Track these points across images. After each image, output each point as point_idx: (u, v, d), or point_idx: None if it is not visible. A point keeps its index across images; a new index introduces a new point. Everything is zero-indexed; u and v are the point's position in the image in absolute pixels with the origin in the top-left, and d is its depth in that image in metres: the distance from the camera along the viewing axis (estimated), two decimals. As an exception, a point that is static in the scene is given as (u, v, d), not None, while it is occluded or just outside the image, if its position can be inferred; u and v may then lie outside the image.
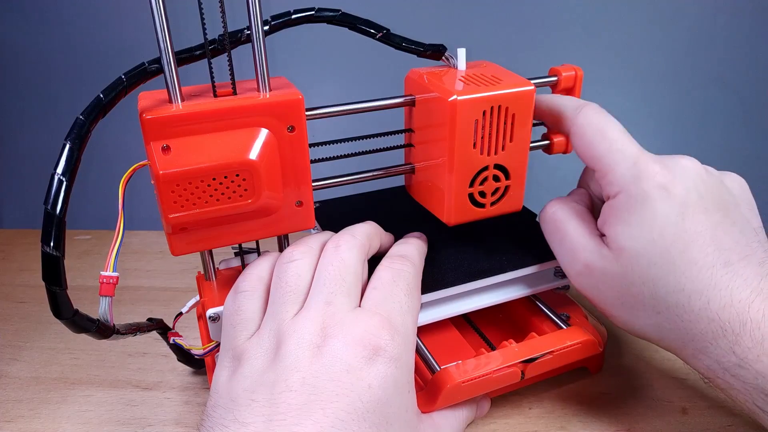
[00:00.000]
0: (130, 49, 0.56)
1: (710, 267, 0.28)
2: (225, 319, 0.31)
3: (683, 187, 0.29)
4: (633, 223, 0.30)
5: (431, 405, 0.33)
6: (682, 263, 0.29)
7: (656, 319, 0.30)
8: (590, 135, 0.32)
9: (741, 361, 0.27)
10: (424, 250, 0.36)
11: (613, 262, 0.30)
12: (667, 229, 0.29)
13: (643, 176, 0.30)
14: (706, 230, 0.29)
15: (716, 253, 0.29)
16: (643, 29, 0.56)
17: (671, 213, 0.29)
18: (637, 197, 0.30)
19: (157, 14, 0.27)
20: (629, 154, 0.31)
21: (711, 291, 0.28)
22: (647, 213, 0.29)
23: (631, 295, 0.30)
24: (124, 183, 0.30)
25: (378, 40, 0.33)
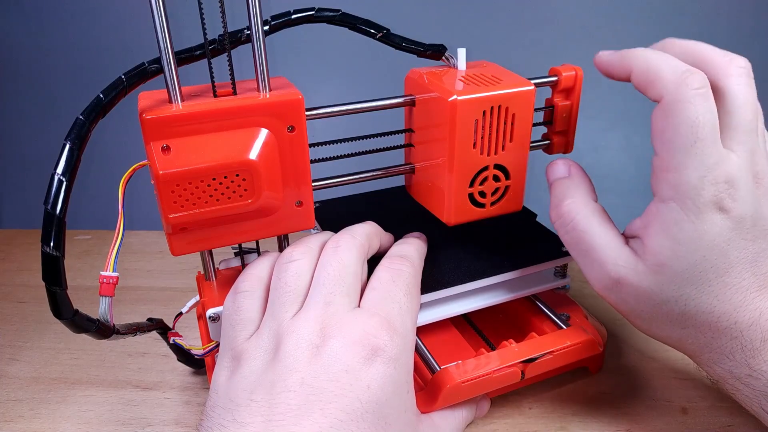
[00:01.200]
0: (130, 49, 0.56)
1: (744, 290, 0.28)
2: (224, 319, 0.31)
3: (740, 213, 0.27)
4: (680, 241, 0.28)
5: (431, 405, 0.33)
6: (717, 286, 0.28)
7: (680, 333, 0.30)
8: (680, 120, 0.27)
9: (754, 372, 0.28)
10: (424, 250, 0.36)
11: (648, 277, 0.29)
12: (712, 252, 0.27)
13: (704, 193, 0.27)
14: (747, 257, 0.28)
15: (752, 278, 0.28)
16: (643, 29, 0.56)
17: (720, 239, 0.27)
18: (690, 214, 0.27)
19: (157, 14, 0.27)
20: (705, 164, 0.27)
21: (740, 312, 0.28)
22: (697, 233, 0.27)
23: (661, 311, 0.29)
24: (124, 183, 0.30)
25: (378, 40, 0.33)
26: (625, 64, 0.30)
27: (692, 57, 0.29)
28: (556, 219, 0.32)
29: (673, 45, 0.30)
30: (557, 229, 0.32)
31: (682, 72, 0.27)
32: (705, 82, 0.27)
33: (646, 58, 0.29)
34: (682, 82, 0.27)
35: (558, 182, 0.33)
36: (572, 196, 0.32)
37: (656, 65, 0.28)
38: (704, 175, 0.27)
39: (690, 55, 0.29)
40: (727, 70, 0.28)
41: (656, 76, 0.28)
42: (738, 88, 0.28)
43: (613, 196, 0.34)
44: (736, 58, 0.29)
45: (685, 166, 0.27)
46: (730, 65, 0.28)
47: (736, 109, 0.28)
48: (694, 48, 0.30)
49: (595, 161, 0.59)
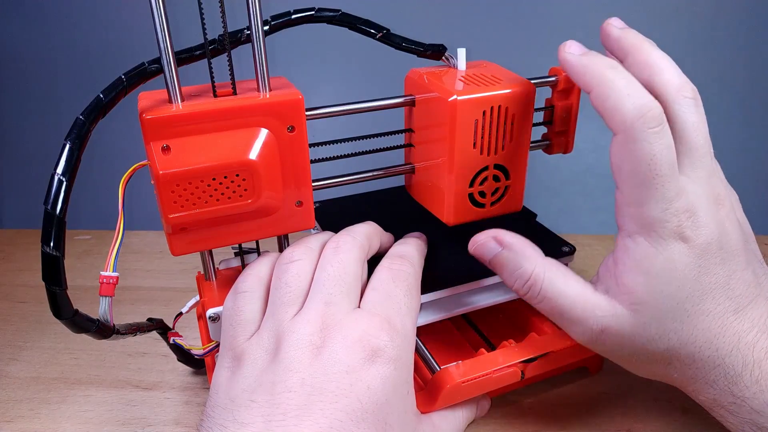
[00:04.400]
0: (130, 49, 0.56)
1: (721, 316, 0.28)
2: (224, 320, 0.31)
3: (704, 240, 0.28)
4: (653, 274, 0.28)
5: (431, 405, 0.33)
6: (696, 315, 0.28)
7: (666, 370, 0.30)
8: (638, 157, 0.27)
9: (737, 399, 0.28)
10: (424, 250, 0.36)
11: (629, 319, 0.28)
12: (686, 282, 0.28)
13: (668, 225, 0.27)
14: (720, 282, 0.28)
15: (728, 301, 0.28)
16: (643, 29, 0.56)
17: (690, 267, 0.28)
18: (657, 246, 0.27)
19: (157, 14, 0.27)
20: (665, 197, 0.27)
21: (720, 339, 0.28)
22: (667, 264, 0.27)
23: (647, 351, 0.29)
24: (124, 183, 0.30)
25: (378, 40, 0.33)
26: (585, 81, 0.29)
27: (648, 74, 0.29)
28: (524, 293, 0.31)
29: (637, 53, 0.30)
30: (528, 300, 0.32)
31: (640, 108, 0.26)
32: (662, 119, 0.27)
33: (606, 85, 0.27)
34: (639, 119, 0.26)
35: (498, 258, 0.32)
36: (523, 267, 0.31)
37: (616, 97, 0.27)
38: (666, 207, 0.27)
39: (647, 72, 0.29)
40: (677, 97, 0.28)
41: (614, 109, 0.27)
42: (687, 116, 0.28)
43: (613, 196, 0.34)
44: (685, 87, 0.29)
45: (647, 201, 0.27)
46: (679, 93, 0.28)
47: (688, 135, 0.28)
48: (652, 66, 0.29)
49: (595, 161, 0.59)
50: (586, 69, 0.29)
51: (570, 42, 0.30)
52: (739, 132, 0.60)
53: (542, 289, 0.30)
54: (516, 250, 0.31)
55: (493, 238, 0.32)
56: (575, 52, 0.30)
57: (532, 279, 0.30)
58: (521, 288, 0.31)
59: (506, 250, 0.31)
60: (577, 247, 0.39)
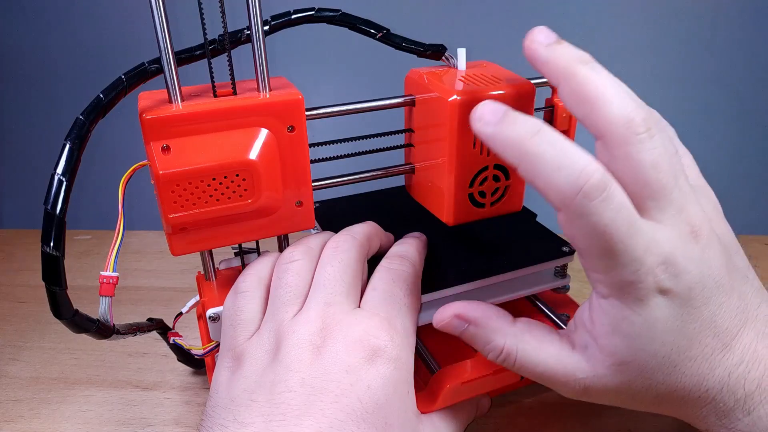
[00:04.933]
0: (130, 49, 0.56)
1: (709, 356, 0.26)
2: (225, 320, 0.31)
3: (686, 286, 0.25)
4: (633, 336, 0.26)
5: (431, 405, 0.33)
6: (683, 363, 0.26)
7: (657, 409, 0.29)
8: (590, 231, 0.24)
9: (729, 431, 0.27)
10: (424, 251, 0.36)
11: (612, 378, 0.27)
12: (669, 335, 0.26)
13: (643, 285, 0.24)
14: (705, 322, 0.26)
15: (714, 339, 0.26)
16: (643, 29, 0.56)
17: (673, 319, 0.25)
18: (635, 308, 0.25)
19: (157, 14, 0.27)
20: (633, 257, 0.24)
21: (709, 380, 0.27)
22: (647, 323, 0.25)
23: (635, 400, 0.28)
24: (124, 183, 0.30)
25: (378, 40, 0.33)
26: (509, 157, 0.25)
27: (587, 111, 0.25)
28: (501, 363, 0.29)
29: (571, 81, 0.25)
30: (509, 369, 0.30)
31: (575, 182, 0.23)
32: (604, 184, 0.23)
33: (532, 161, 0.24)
34: (578, 195, 0.23)
35: (466, 335, 0.30)
36: (493, 341, 0.29)
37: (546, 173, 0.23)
38: (637, 269, 0.24)
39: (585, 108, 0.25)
40: (627, 137, 0.24)
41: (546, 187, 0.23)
42: (642, 156, 0.24)
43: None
44: (633, 122, 0.24)
45: (614, 267, 0.24)
46: (628, 131, 0.24)
47: (647, 177, 0.24)
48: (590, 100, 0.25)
49: (595, 161, 0.59)
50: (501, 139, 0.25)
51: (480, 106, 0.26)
52: (738, 132, 0.60)
53: (517, 360, 0.29)
54: (482, 325, 0.29)
55: (456, 317, 0.30)
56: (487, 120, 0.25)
57: (504, 352, 0.29)
58: (496, 359, 0.29)
59: (472, 326, 0.29)
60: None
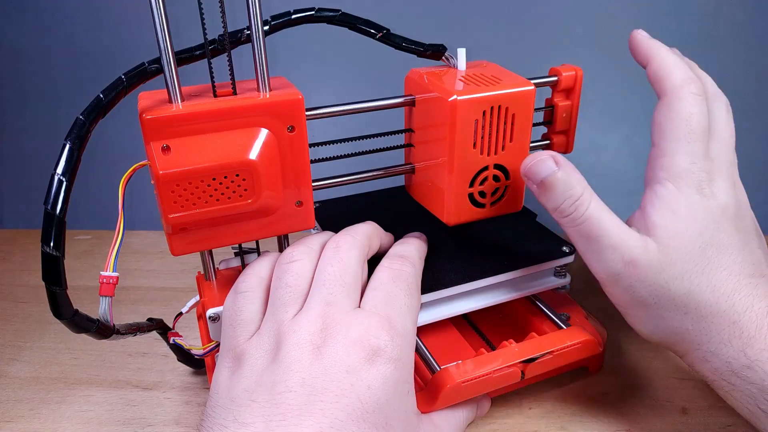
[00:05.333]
0: (130, 49, 0.56)
1: (737, 274, 0.30)
2: (225, 320, 0.31)
3: (722, 202, 0.31)
4: (679, 213, 0.30)
5: (431, 405, 0.33)
6: (716, 265, 0.30)
7: (681, 321, 0.30)
8: (678, 113, 0.31)
9: (751, 362, 0.28)
10: (424, 250, 0.36)
11: (657, 254, 0.30)
12: (707, 229, 0.30)
13: (695, 175, 0.31)
14: (736, 243, 0.31)
15: (743, 263, 0.30)
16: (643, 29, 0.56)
17: (710, 219, 0.30)
18: (684, 190, 0.31)
19: (157, 14, 0.27)
20: (696, 152, 0.31)
21: (737, 295, 0.29)
22: (691, 208, 0.30)
23: (668, 291, 0.30)
24: (124, 183, 0.30)
25: (378, 40, 0.33)
26: (647, 54, 0.34)
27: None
28: (568, 213, 0.31)
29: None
30: (565, 224, 0.32)
31: (687, 77, 0.32)
32: (703, 92, 0.32)
33: (664, 58, 0.33)
34: (685, 84, 0.32)
35: (553, 177, 0.31)
36: (575, 187, 0.31)
37: (670, 67, 0.33)
38: (694, 161, 0.31)
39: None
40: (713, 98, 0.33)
41: (667, 73, 0.33)
42: (718, 113, 0.33)
43: (613, 196, 0.34)
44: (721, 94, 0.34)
45: (678, 152, 0.31)
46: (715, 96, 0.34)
47: (719, 127, 0.33)
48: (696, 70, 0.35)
49: (595, 161, 0.59)
50: (649, 47, 0.34)
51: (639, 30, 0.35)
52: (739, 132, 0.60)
53: (588, 209, 0.31)
54: (569, 172, 0.31)
55: (551, 157, 0.32)
56: (645, 35, 0.35)
57: (581, 200, 0.31)
58: (568, 208, 0.31)
59: (561, 170, 0.31)
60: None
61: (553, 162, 0.32)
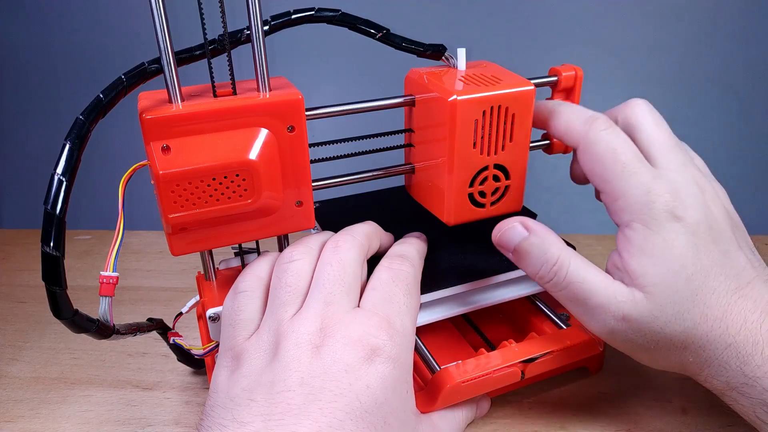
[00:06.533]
0: (130, 49, 0.56)
1: (725, 294, 0.29)
2: (224, 319, 0.31)
3: (694, 219, 0.29)
4: (656, 255, 0.29)
5: (431, 405, 0.33)
6: (703, 293, 0.29)
7: (682, 355, 0.30)
8: (601, 155, 0.30)
9: (749, 379, 0.28)
10: (424, 250, 0.36)
11: (647, 304, 0.29)
12: (687, 260, 0.29)
13: (656, 205, 0.29)
14: (716, 260, 0.29)
15: (727, 280, 0.29)
16: (643, 29, 0.56)
17: (688, 246, 0.29)
18: (653, 227, 0.29)
19: (157, 14, 0.27)
20: (642, 181, 0.29)
21: (728, 317, 0.29)
22: (666, 244, 0.29)
23: (664, 336, 0.29)
24: (124, 183, 0.30)
25: (378, 40, 0.33)
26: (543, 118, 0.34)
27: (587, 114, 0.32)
28: (549, 279, 0.31)
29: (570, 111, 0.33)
30: (550, 289, 0.31)
31: (586, 118, 0.31)
32: (609, 122, 0.31)
33: (557, 112, 0.33)
34: (590, 127, 0.31)
35: (524, 244, 0.31)
36: (549, 251, 0.31)
37: (566, 118, 0.32)
38: (648, 190, 0.29)
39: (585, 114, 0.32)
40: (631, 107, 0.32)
41: (567, 127, 0.32)
42: (642, 118, 0.32)
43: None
44: (632, 101, 0.33)
45: (628, 189, 0.29)
46: (631, 103, 0.32)
47: (649, 134, 0.31)
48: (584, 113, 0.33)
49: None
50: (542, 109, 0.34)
51: None
52: (738, 132, 0.60)
53: (568, 273, 0.30)
54: (542, 236, 0.31)
55: (520, 224, 0.32)
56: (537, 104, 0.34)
57: (558, 264, 0.30)
58: (546, 274, 0.31)
59: (532, 235, 0.31)
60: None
61: (523, 228, 0.31)
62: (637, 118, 0.32)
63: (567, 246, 0.31)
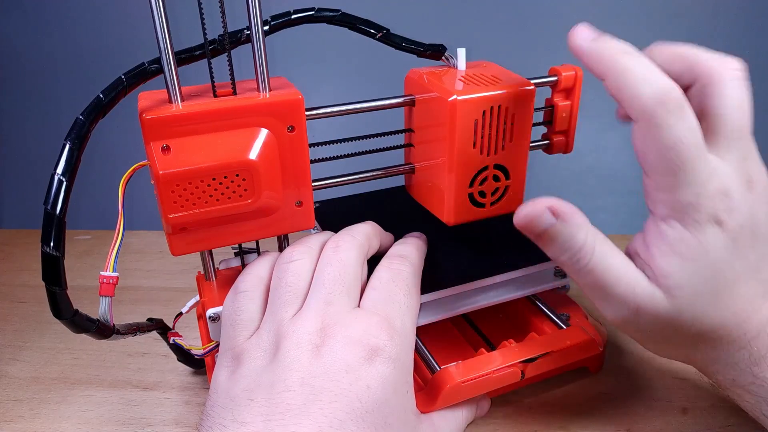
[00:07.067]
0: (130, 49, 0.56)
1: (752, 299, 0.28)
2: (224, 319, 0.31)
3: (737, 223, 0.27)
4: (689, 258, 0.27)
5: (431, 405, 0.33)
6: (729, 298, 0.28)
7: (691, 351, 0.30)
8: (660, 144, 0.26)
9: (757, 379, 0.28)
10: (424, 250, 0.36)
11: (665, 302, 0.28)
12: (720, 265, 0.27)
13: (702, 209, 0.27)
14: (750, 265, 0.28)
15: (757, 285, 0.28)
16: (643, 29, 0.56)
17: (725, 251, 0.27)
18: (693, 230, 0.27)
19: (157, 14, 0.27)
20: (696, 180, 0.26)
21: (749, 323, 0.28)
22: (702, 248, 0.27)
23: (678, 333, 0.29)
24: (124, 183, 0.30)
25: (378, 40, 0.33)
26: (599, 70, 0.28)
27: (681, 62, 0.29)
28: (570, 265, 0.29)
29: (661, 52, 0.29)
30: (570, 273, 0.30)
31: (658, 93, 0.26)
32: (682, 101, 0.26)
33: (621, 73, 0.27)
34: (659, 105, 0.26)
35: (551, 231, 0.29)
36: (575, 237, 0.28)
37: (632, 84, 0.26)
38: (699, 192, 0.26)
39: (679, 60, 0.29)
40: (720, 74, 0.28)
41: (632, 96, 0.26)
42: (729, 92, 0.28)
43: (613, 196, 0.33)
44: (729, 61, 0.28)
45: (678, 186, 0.27)
46: (721, 69, 0.28)
47: (727, 114, 0.27)
48: (684, 52, 0.29)
49: (595, 161, 0.59)
50: (599, 57, 0.27)
51: (580, 27, 0.29)
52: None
53: (590, 261, 0.28)
54: (569, 221, 0.29)
55: (549, 209, 0.29)
56: (586, 38, 0.28)
57: (583, 250, 0.28)
58: (569, 259, 0.29)
59: (560, 222, 0.28)
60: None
61: (550, 215, 0.29)
62: (722, 94, 0.28)
63: (594, 230, 0.29)
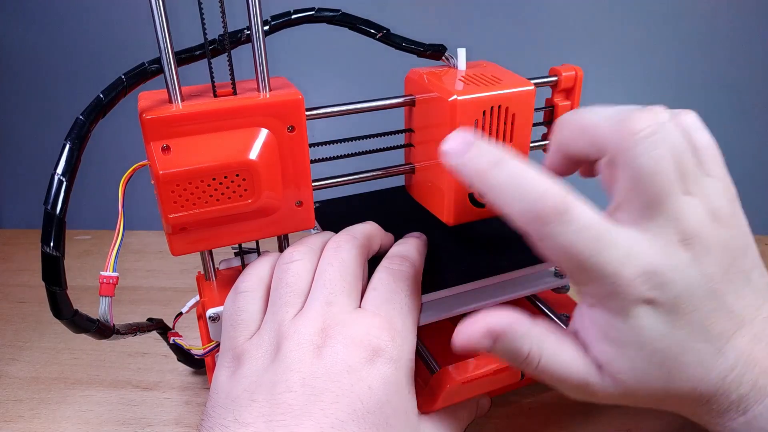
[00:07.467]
0: (130, 49, 0.56)
1: (702, 362, 0.26)
2: (225, 319, 0.31)
3: (673, 295, 0.24)
4: (622, 343, 0.25)
5: (431, 405, 0.33)
6: (676, 369, 0.26)
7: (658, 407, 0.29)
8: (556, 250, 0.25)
9: (725, 428, 0.27)
10: (424, 251, 0.36)
11: (614, 387, 0.26)
12: (659, 344, 0.25)
13: (620, 295, 0.24)
14: (696, 328, 0.25)
15: (706, 345, 0.25)
16: (644, 29, 0.56)
17: (663, 325, 0.25)
18: (619, 316, 0.25)
19: (157, 14, 0.27)
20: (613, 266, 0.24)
21: (703, 385, 0.26)
22: (634, 331, 0.25)
23: (637, 403, 0.28)
24: (124, 183, 0.30)
25: (378, 40, 0.33)
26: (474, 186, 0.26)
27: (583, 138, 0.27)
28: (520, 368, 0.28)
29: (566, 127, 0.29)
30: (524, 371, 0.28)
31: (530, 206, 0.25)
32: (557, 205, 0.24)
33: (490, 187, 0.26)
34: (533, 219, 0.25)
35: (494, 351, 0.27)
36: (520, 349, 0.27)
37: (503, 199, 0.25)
38: (613, 281, 0.24)
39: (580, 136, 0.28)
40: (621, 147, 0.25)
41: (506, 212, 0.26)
42: (639, 161, 0.24)
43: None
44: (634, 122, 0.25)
45: (590, 282, 0.25)
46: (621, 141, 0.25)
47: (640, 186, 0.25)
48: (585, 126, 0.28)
49: (595, 161, 0.59)
50: (469, 176, 0.26)
51: (451, 140, 0.27)
52: (739, 132, 0.60)
53: (539, 365, 0.27)
54: (509, 337, 0.27)
55: (487, 332, 0.26)
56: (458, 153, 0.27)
57: (528, 359, 0.27)
58: (518, 366, 0.28)
59: (499, 342, 0.27)
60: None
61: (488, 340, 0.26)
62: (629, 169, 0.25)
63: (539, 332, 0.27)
